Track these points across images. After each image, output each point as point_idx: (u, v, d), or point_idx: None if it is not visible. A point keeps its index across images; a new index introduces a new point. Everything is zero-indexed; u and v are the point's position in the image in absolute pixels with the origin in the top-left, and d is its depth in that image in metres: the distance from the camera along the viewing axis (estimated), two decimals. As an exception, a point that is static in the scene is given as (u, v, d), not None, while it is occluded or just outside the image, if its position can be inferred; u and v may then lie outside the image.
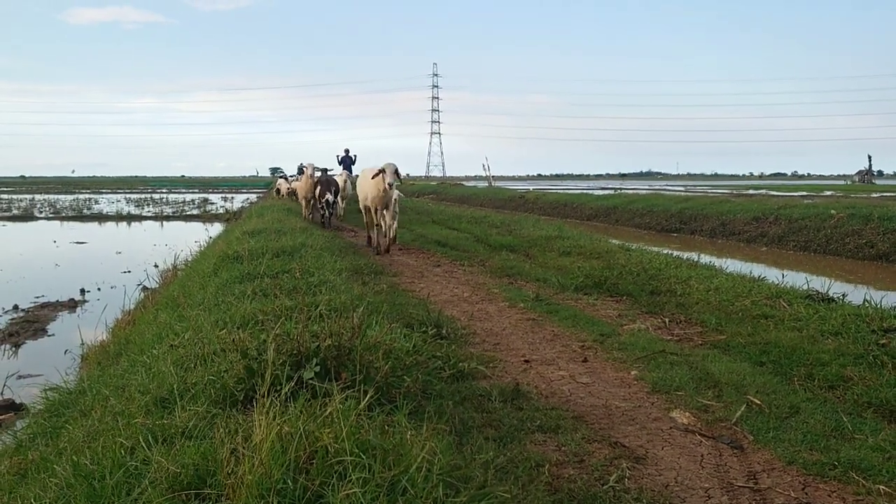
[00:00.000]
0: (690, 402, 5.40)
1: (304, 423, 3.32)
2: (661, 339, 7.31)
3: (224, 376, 4.36)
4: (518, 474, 3.92)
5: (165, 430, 3.86)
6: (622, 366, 6.41)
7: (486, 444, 4.23)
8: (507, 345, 7.22)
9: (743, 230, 23.42)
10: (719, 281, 10.23)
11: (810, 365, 6.18)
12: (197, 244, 19.50)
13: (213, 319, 6.24)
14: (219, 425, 3.63)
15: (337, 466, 3.10)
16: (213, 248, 15.95)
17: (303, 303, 6.47)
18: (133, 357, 6.92)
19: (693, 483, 4.09)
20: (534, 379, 6.06)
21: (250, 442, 3.27)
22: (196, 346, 5.26)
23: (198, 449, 3.43)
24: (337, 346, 4.46)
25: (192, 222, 35.67)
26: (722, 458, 4.43)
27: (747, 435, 4.75)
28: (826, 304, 8.51)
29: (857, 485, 3.98)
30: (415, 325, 7.05)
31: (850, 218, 20.18)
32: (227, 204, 48.01)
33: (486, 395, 5.40)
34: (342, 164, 28.17)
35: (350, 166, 28.17)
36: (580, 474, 4.12)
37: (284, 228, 14.87)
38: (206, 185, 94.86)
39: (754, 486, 4.05)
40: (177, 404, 4.20)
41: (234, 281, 8.63)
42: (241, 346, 4.52)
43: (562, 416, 5.08)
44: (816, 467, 4.21)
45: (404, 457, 3.24)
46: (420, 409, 4.65)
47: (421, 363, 5.46)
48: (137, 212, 43.18)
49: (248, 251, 10.64)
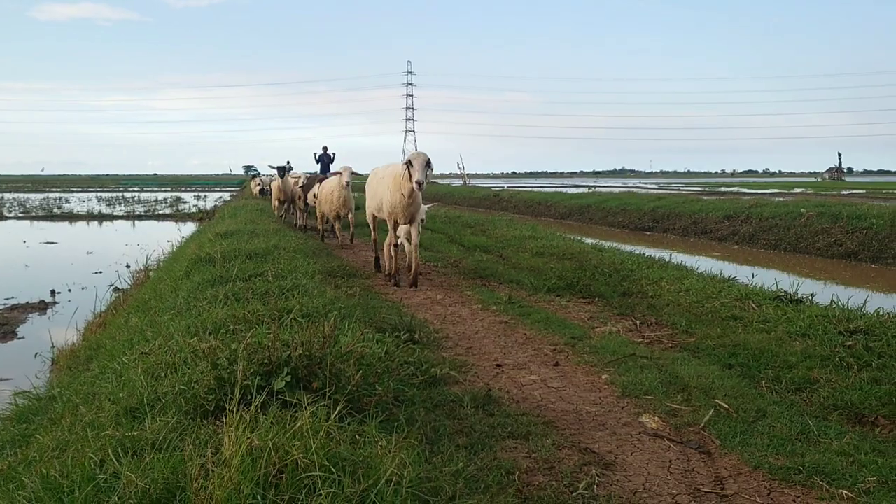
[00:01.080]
0: (659, 406, 5.45)
1: (274, 436, 3.33)
2: (631, 342, 7.37)
3: (194, 386, 4.35)
4: (488, 483, 3.95)
5: (135, 442, 3.84)
6: (593, 369, 6.47)
7: (456, 453, 4.26)
8: (479, 349, 7.25)
9: (715, 229, 23.66)
10: (690, 282, 10.33)
11: (778, 367, 6.27)
12: (169, 244, 19.36)
13: (185, 325, 6.22)
14: (188, 438, 3.62)
15: (307, 480, 3.11)
16: (185, 249, 15.86)
17: (275, 308, 6.48)
18: (104, 363, 6.87)
19: (661, 489, 4.13)
20: (505, 384, 6.10)
21: (220, 456, 3.27)
22: (167, 354, 5.24)
23: (168, 462, 3.42)
24: (308, 356, 4.47)
25: (165, 221, 35.40)
26: (690, 464, 4.48)
27: (715, 439, 4.81)
28: (794, 306, 8.63)
29: (821, 490, 4.04)
30: (387, 329, 7.06)
31: (820, 216, 20.46)
32: (201, 203, 47.70)
33: (457, 401, 5.42)
34: (319, 162, 26.57)
35: (328, 165, 26.49)
36: (550, 481, 4.16)
37: (257, 230, 14.82)
38: (179, 184, 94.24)
39: (721, 491, 4.10)
40: (147, 415, 4.19)
41: (205, 284, 8.59)
42: (212, 356, 4.51)
43: (533, 421, 5.11)
44: (782, 472, 4.27)
45: (374, 469, 3.26)
46: (392, 417, 4.68)
47: (393, 370, 5.48)
48: (109, 211, 42.72)
49: (220, 253, 10.60)
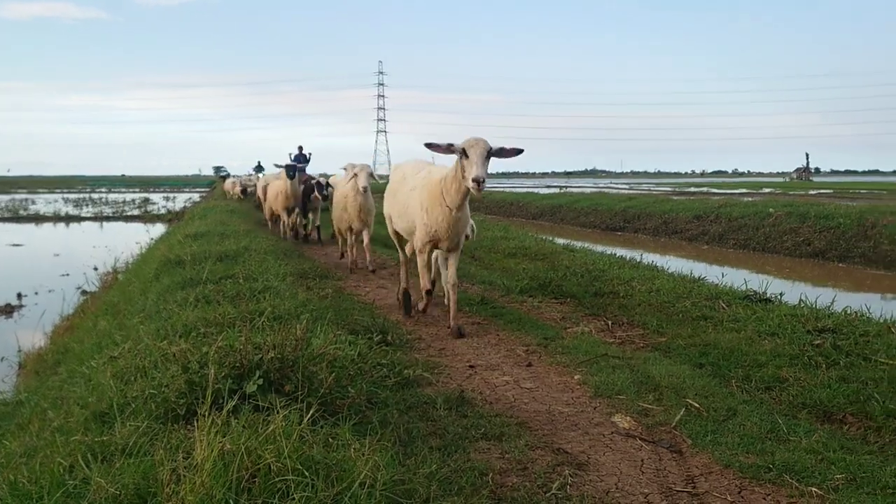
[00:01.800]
0: (631, 406, 5.49)
1: (246, 440, 3.30)
2: (603, 342, 7.41)
3: (165, 391, 4.30)
4: (462, 485, 3.94)
5: (105, 448, 3.80)
6: (566, 370, 6.49)
7: (430, 455, 4.25)
8: (452, 350, 7.25)
9: (685, 228, 23.86)
10: (661, 282, 10.40)
11: (748, 366, 6.34)
12: (138, 246, 19.18)
13: (154, 328, 6.16)
14: (159, 443, 3.59)
15: (280, 484, 3.09)
16: (154, 251, 15.70)
17: (246, 311, 6.43)
18: (72, 367, 6.80)
19: (633, 489, 4.16)
20: (479, 385, 6.10)
21: (192, 461, 3.23)
22: (136, 358, 5.18)
23: (138, 468, 3.39)
24: (280, 359, 4.44)
25: (133, 223, 35.05)
26: (661, 463, 4.51)
27: (686, 439, 4.85)
28: (763, 305, 8.73)
29: (791, 487, 4.09)
30: (360, 331, 7.03)
31: (788, 216, 20.72)
32: (170, 204, 47.27)
33: (431, 402, 5.41)
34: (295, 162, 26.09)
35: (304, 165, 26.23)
36: (523, 482, 4.16)
37: (228, 231, 14.71)
38: (148, 185, 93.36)
39: (692, 490, 4.13)
40: (117, 420, 4.14)
41: (175, 287, 8.52)
42: (183, 359, 4.46)
43: (506, 422, 5.12)
44: (752, 470, 4.31)
45: (348, 472, 3.25)
46: (365, 419, 4.66)
47: (366, 372, 5.46)
48: (76, 212, 42.22)
49: (190, 255, 10.51)
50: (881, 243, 17.48)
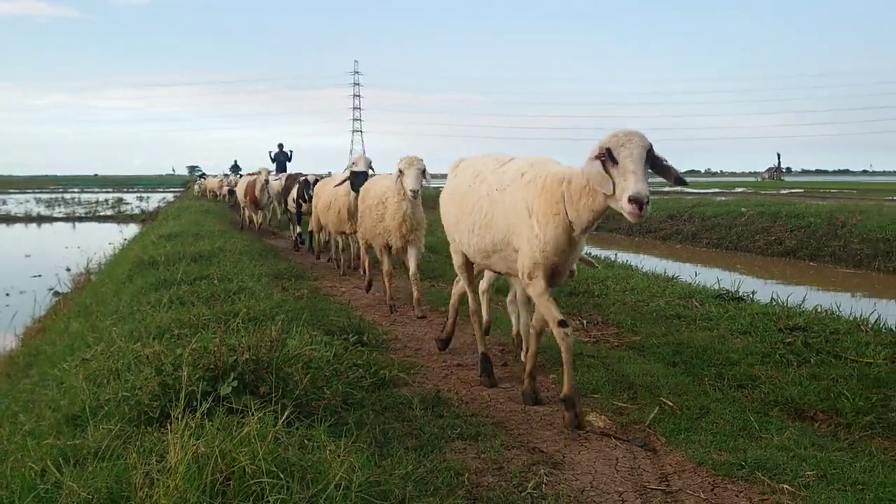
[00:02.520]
0: (606, 404, 5.52)
1: (220, 443, 3.29)
2: (578, 341, 7.45)
3: (138, 393, 4.27)
4: (438, 485, 3.95)
5: (77, 451, 3.76)
6: (541, 369, 6.50)
7: (406, 455, 4.25)
8: (428, 350, 7.25)
9: (659, 228, 24.03)
10: (635, 281, 10.48)
11: (720, 364, 6.40)
12: (111, 246, 19.00)
13: (128, 330, 6.11)
14: (132, 446, 3.56)
15: (255, 487, 3.08)
16: (127, 251, 15.56)
17: (220, 312, 6.40)
18: (44, 370, 6.72)
19: (608, 487, 4.19)
20: (455, 384, 6.11)
21: (165, 464, 3.21)
22: (109, 360, 5.14)
23: (111, 471, 3.36)
24: (255, 360, 4.42)
25: (106, 223, 34.67)
26: (636, 461, 4.54)
27: (660, 437, 4.89)
28: (736, 303, 8.83)
29: (763, 484, 4.14)
30: (336, 332, 7.01)
31: (760, 216, 20.94)
32: (143, 204, 46.77)
33: (407, 403, 5.41)
34: (276, 161, 24.39)
35: (285, 164, 24.40)
36: (499, 482, 4.18)
37: (202, 231, 14.61)
38: (121, 185, 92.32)
39: (666, 488, 4.17)
40: (89, 423, 4.10)
41: (149, 288, 8.45)
42: (156, 362, 4.43)
43: (482, 422, 5.13)
44: (725, 468, 4.36)
45: (323, 474, 3.24)
46: (341, 420, 4.66)
47: (341, 373, 5.45)
48: (48, 212, 41.64)
49: (164, 256, 10.43)
50: (851, 242, 17.71)
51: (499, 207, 5.46)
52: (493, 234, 5.54)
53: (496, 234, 5.50)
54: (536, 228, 5.08)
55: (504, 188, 5.46)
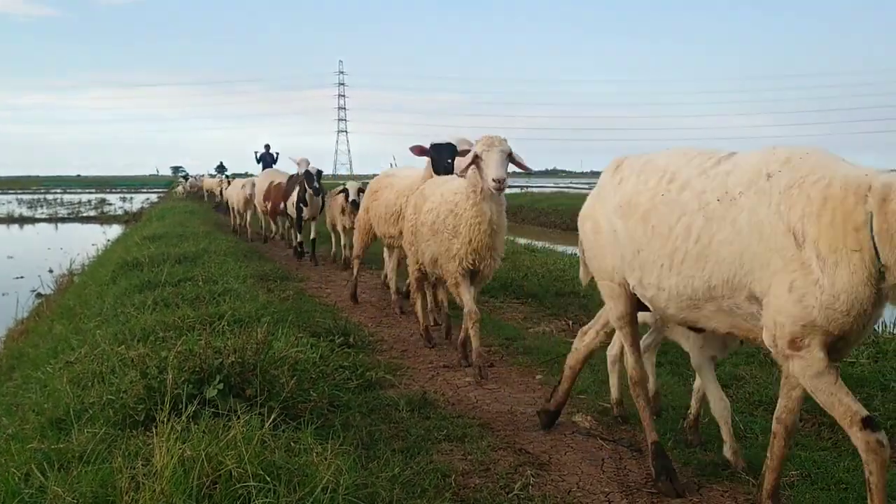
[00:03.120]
0: (592, 405, 5.54)
1: (206, 446, 3.28)
2: (565, 342, 7.44)
3: (123, 396, 4.25)
4: (425, 487, 3.95)
5: (62, 455, 3.74)
6: (527, 370, 6.53)
7: (393, 457, 4.25)
8: (414, 351, 7.25)
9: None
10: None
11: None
12: (94, 247, 18.89)
13: (112, 333, 6.08)
14: (118, 450, 3.54)
15: (241, 491, 3.07)
16: (111, 253, 15.49)
17: (206, 314, 6.38)
18: (27, 372, 6.68)
19: (594, 487, 4.20)
20: (441, 386, 6.11)
21: (151, 467, 3.20)
22: (93, 363, 5.11)
23: (96, 475, 3.34)
24: (241, 363, 4.41)
25: (89, 224, 34.47)
26: (622, 462, 4.56)
27: (645, 437, 4.90)
28: (720, 304, 8.86)
29: (748, 484, 4.16)
30: (322, 333, 6.99)
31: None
32: (127, 205, 46.55)
33: (393, 404, 5.41)
34: (261, 161, 23.29)
35: (271, 164, 22.94)
36: (486, 483, 4.19)
37: (186, 232, 14.56)
38: (104, 185, 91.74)
39: (652, 488, 4.19)
40: (73, 426, 4.07)
41: (133, 290, 8.42)
42: (141, 364, 4.41)
43: (468, 423, 5.14)
44: (710, 468, 4.38)
45: (310, 477, 3.24)
46: (327, 422, 4.65)
47: (328, 375, 5.44)
48: (30, 213, 41.33)
49: (148, 257, 10.39)
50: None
51: (724, 229, 3.64)
52: (709, 271, 3.70)
53: (717, 273, 3.67)
54: (816, 269, 3.27)
55: (733, 198, 3.66)
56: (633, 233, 4.06)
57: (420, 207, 7.08)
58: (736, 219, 3.57)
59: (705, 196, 3.74)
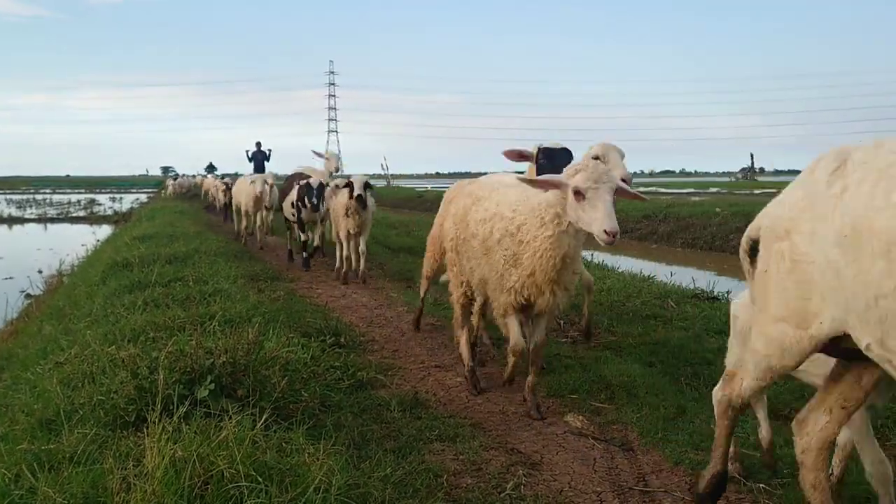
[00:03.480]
0: (584, 405, 5.55)
1: (198, 447, 3.27)
2: (556, 342, 7.47)
3: (114, 397, 4.23)
4: (417, 487, 3.95)
5: (52, 456, 3.73)
6: (518, 370, 6.52)
7: (385, 457, 4.25)
8: (405, 351, 7.24)
9: (634, 228, 24.14)
10: (611, 281, 10.53)
11: (696, 364, 6.45)
12: (84, 248, 18.80)
13: (102, 333, 6.05)
14: (109, 451, 3.53)
15: (233, 491, 3.07)
16: (101, 253, 15.43)
17: (196, 314, 6.36)
18: (16, 373, 6.63)
19: (586, 487, 4.21)
20: (432, 386, 6.11)
21: (142, 468, 3.19)
22: (83, 364, 5.09)
23: (87, 476, 3.33)
24: (232, 363, 4.40)
25: (79, 224, 34.29)
26: (613, 461, 4.57)
27: (637, 437, 4.92)
28: (711, 303, 8.91)
29: (739, 483, 4.18)
30: (313, 334, 6.98)
31: (734, 216, 21.11)
32: (116, 205, 46.35)
33: (385, 404, 5.41)
34: (253, 160, 22.72)
35: (263, 163, 22.70)
36: (478, 483, 4.19)
37: (177, 233, 14.52)
38: (94, 185, 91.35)
39: (644, 488, 4.20)
40: (64, 427, 4.05)
41: (123, 290, 8.39)
42: (132, 365, 4.39)
43: (460, 423, 5.14)
44: (701, 467, 4.37)
45: (302, 477, 3.24)
46: (319, 423, 4.64)
47: (319, 375, 5.44)
48: (19, 214, 41.11)
49: (138, 257, 10.35)
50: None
51: None
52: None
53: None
54: None
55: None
56: (871, 272, 2.65)
57: (468, 213, 5.67)
58: None
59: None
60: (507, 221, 5.10)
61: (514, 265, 5.03)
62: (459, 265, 5.91)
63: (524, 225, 4.96)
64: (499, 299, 5.29)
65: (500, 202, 5.29)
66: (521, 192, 5.11)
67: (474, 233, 5.46)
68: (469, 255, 5.64)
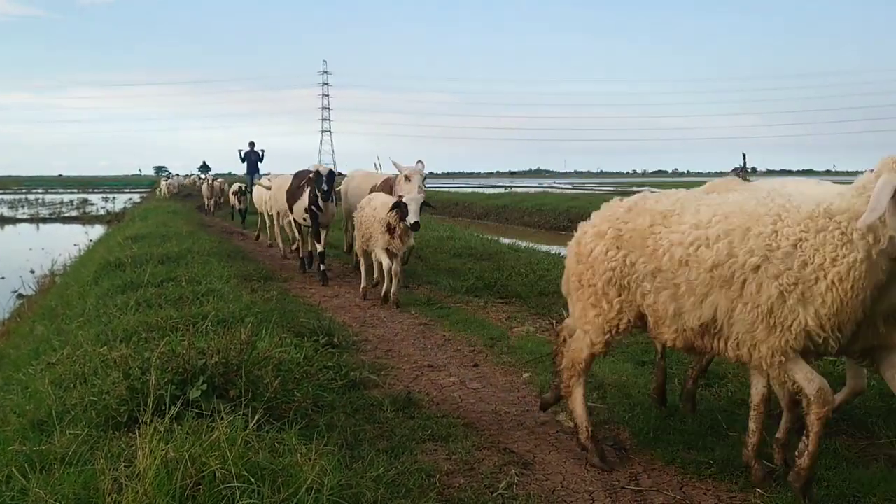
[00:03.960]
0: (576, 404, 5.55)
1: (190, 447, 3.27)
2: (549, 342, 7.47)
3: (105, 397, 4.23)
4: (410, 487, 3.96)
5: (43, 457, 3.72)
6: (511, 370, 6.54)
7: (377, 457, 4.25)
8: (398, 351, 7.24)
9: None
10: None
11: (688, 363, 6.45)
12: (76, 248, 18.76)
13: (94, 333, 6.04)
14: (100, 452, 3.52)
15: (225, 492, 3.06)
16: (93, 253, 15.39)
17: (189, 314, 6.35)
18: (8, 374, 6.62)
19: (578, 486, 4.22)
20: (425, 386, 6.12)
21: (134, 469, 3.19)
22: (75, 364, 5.08)
23: (78, 477, 3.33)
24: (225, 363, 4.40)
25: (71, 224, 34.19)
26: (606, 461, 4.58)
27: (630, 436, 4.93)
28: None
29: (731, 483, 4.19)
30: (306, 334, 6.97)
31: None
32: (109, 205, 46.19)
33: (377, 404, 5.41)
34: (246, 160, 22.59)
35: (256, 163, 22.52)
36: (470, 483, 4.19)
37: (170, 233, 14.48)
38: (86, 185, 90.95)
39: (636, 487, 4.21)
40: (55, 428, 4.05)
41: (115, 290, 8.37)
42: (124, 365, 4.39)
43: (453, 423, 5.14)
44: (693, 466, 4.40)
45: (295, 478, 3.24)
46: (311, 423, 4.64)
47: (312, 375, 5.43)
48: (11, 214, 41.03)
49: (131, 258, 10.32)
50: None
51: None
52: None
53: None
54: None
55: None
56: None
57: (667, 227, 4.19)
58: None
59: None
60: (766, 238, 3.74)
61: (803, 297, 3.64)
62: (619, 300, 4.36)
63: (810, 240, 3.63)
64: (771, 344, 3.77)
65: (753, 214, 3.87)
66: (787, 203, 3.81)
67: (694, 257, 3.95)
68: (667, 284, 4.09)
